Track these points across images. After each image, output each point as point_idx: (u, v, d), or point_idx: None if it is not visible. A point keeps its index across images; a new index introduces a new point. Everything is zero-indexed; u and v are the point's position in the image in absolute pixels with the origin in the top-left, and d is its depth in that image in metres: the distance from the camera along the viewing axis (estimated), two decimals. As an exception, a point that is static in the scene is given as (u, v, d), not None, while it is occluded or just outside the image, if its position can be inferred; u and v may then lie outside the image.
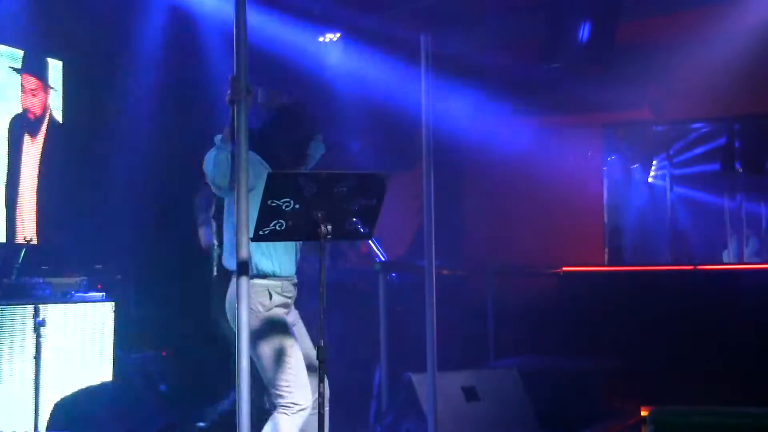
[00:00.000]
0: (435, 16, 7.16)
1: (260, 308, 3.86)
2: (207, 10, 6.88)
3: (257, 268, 3.88)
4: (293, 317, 4.05)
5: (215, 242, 4.77)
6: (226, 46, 5.82)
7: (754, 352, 6.38)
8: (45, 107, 6.34)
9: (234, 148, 3.57)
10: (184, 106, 6.81)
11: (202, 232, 5.55)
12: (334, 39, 7.91)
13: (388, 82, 7.26)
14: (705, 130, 9.23)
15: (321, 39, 7.88)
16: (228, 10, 3.69)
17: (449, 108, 7.35)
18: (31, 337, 4.94)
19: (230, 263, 3.87)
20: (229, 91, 3.58)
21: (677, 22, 7.71)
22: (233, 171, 3.56)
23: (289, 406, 3.84)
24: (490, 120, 8.35)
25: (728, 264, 8.72)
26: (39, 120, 6.32)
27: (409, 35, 5.54)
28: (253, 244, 3.63)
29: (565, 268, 7.43)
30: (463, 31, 7.49)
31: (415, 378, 5.22)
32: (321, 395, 3.48)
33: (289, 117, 4.07)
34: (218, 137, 3.74)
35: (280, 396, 3.85)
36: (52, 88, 6.36)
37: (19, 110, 6.18)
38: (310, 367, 3.89)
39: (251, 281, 3.71)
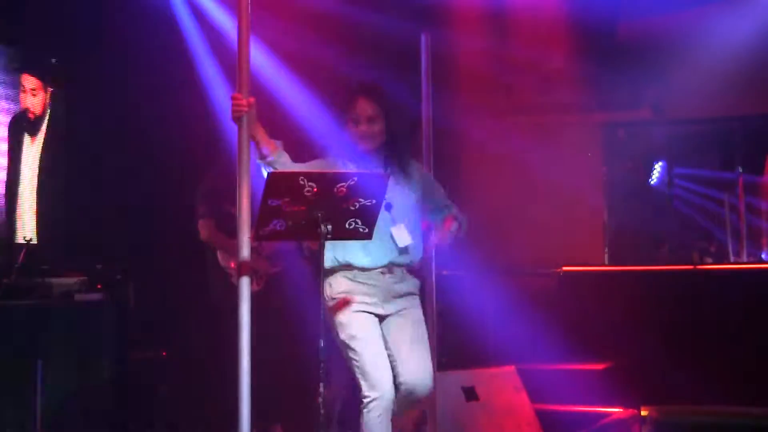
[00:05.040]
0: (435, 15, 7.16)
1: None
2: (207, 11, 6.88)
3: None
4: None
5: None
6: (226, 46, 5.82)
7: (754, 352, 6.37)
8: (45, 107, 6.34)
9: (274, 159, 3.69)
10: (184, 105, 6.80)
11: (202, 225, 5.56)
12: None
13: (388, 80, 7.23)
14: (705, 130, 9.24)
15: None
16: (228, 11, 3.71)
17: (449, 106, 7.34)
18: (30, 338, 4.93)
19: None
20: (232, 108, 3.58)
21: (677, 22, 7.70)
22: None
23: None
24: (490, 119, 8.34)
25: (728, 264, 8.73)
26: (39, 120, 6.31)
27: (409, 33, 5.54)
28: None
29: (564, 268, 7.42)
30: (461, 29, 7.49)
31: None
32: (321, 395, 3.48)
33: None
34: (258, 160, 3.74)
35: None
36: (52, 87, 6.36)
37: (19, 110, 6.18)
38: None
39: None
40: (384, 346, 3.85)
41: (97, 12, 6.44)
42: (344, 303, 3.82)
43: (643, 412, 3.50)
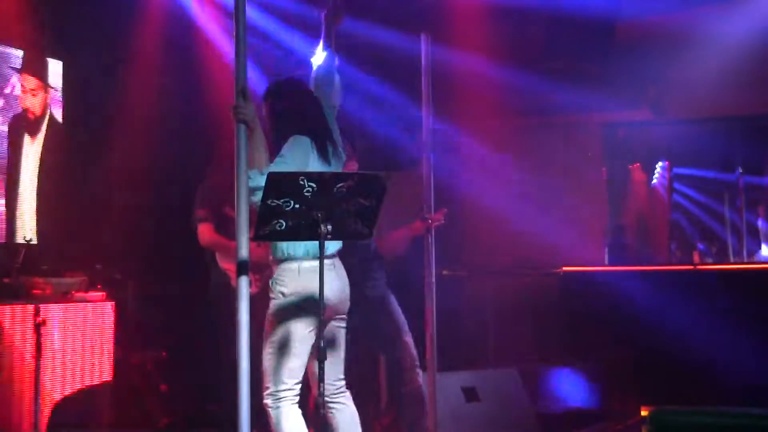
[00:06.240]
0: (432, 17, 7.15)
1: None
2: (208, 11, 6.88)
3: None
4: None
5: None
6: (227, 47, 5.83)
7: (754, 352, 6.37)
8: (45, 107, 6.35)
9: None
10: (184, 105, 6.81)
11: (201, 230, 5.53)
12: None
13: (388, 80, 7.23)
14: (704, 130, 9.23)
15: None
16: (228, 11, 3.70)
17: (449, 107, 7.35)
18: (31, 337, 4.94)
19: None
20: (235, 112, 3.58)
21: (677, 22, 7.70)
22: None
23: None
24: (490, 119, 8.34)
25: (729, 264, 8.73)
26: (39, 120, 6.32)
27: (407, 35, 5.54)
28: None
29: (564, 268, 7.42)
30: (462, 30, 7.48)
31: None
32: (321, 395, 3.48)
33: None
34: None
35: None
36: (51, 87, 6.37)
37: (19, 110, 6.18)
38: None
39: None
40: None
41: (98, 11, 6.44)
42: None
43: (643, 412, 3.50)
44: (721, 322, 6.47)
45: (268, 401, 3.84)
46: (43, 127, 6.33)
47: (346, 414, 4.01)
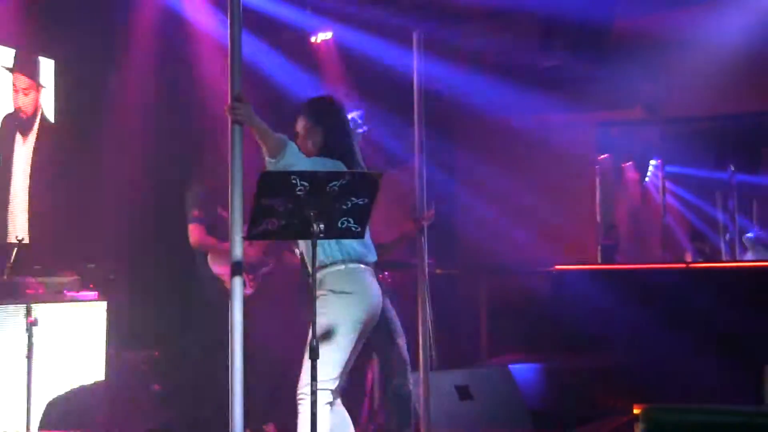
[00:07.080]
0: (431, 8, 7.15)
1: None
2: (202, 10, 6.87)
3: None
4: None
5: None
6: (222, 47, 5.81)
7: (748, 350, 6.38)
8: (37, 106, 6.33)
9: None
10: (179, 104, 6.79)
11: (192, 229, 5.52)
12: (327, 38, 7.84)
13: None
14: (698, 128, 9.26)
15: (313, 39, 7.84)
16: (224, 11, 3.70)
17: (444, 103, 7.35)
18: (23, 337, 4.92)
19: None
20: (231, 112, 3.58)
21: (672, 20, 7.72)
22: None
23: None
24: (485, 117, 8.35)
25: (721, 262, 8.75)
26: (30, 119, 6.30)
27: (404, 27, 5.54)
28: None
29: (557, 267, 7.43)
30: (459, 25, 7.48)
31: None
32: (314, 393, 3.47)
33: None
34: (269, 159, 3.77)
35: None
36: (43, 87, 6.35)
37: (11, 109, 6.16)
38: None
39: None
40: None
41: (90, 10, 6.42)
42: None
43: (636, 410, 3.50)
44: (713, 320, 6.48)
45: (303, 391, 3.81)
46: (35, 127, 6.31)
47: (337, 414, 4.00)
